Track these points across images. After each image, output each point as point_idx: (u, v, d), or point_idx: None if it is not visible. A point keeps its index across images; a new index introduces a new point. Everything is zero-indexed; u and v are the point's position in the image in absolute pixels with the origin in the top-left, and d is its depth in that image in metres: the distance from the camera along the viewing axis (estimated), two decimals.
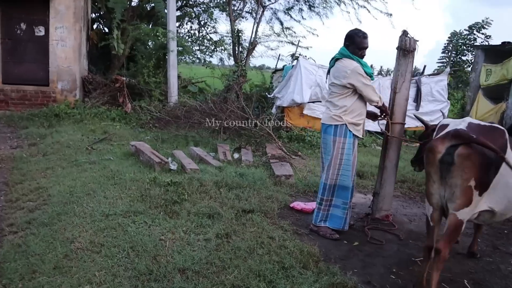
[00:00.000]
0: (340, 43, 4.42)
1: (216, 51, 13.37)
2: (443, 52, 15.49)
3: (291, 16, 12.70)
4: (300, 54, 12.11)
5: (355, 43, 4.25)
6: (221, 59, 13.20)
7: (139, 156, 6.42)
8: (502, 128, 3.26)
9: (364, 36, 4.28)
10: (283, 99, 9.83)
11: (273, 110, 10.28)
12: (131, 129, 9.12)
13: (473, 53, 13.45)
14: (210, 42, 13.09)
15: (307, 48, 12.37)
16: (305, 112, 9.88)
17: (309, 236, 4.36)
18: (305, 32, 17.98)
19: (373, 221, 4.96)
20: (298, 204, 5.11)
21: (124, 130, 8.95)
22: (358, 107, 4.31)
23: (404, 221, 5.20)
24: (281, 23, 12.48)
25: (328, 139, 4.34)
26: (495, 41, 13.50)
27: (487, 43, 12.86)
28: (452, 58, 14.61)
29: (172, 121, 8.82)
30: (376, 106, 4.45)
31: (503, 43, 11.16)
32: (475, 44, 13.01)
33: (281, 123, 9.59)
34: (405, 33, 4.60)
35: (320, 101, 9.74)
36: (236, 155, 7.15)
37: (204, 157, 6.56)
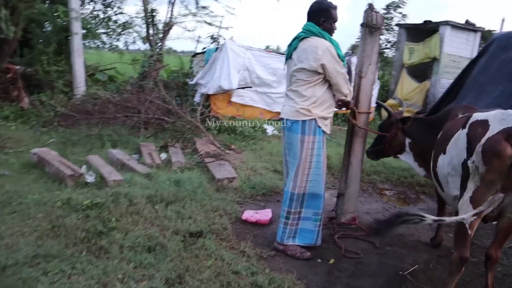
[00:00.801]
0: (259, 24, 3.62)
1: (124, 34, 11.82)
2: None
3: None
4: (219, 36, 11.10)
5: (331, 17, 3.47)
6: (130, 42, 11.64)
7: (44, 167, 5.07)
8: None
9: (336, 7, 3.50)
10: (208, 85, 8.82)
11: (197, 99, 9.23)
12: (31, 130, 7.44)
13: (391, 32, 13.46)
14: (117, 24, 11.49)
15: (227, 29, 11.37)
16: (233, 99, 8.97)
17: (275, 258, 3.54)
18: (223, 11, 16.84)
19: (339, 227, 4.29)
20: (252, 216, 4.26)
21: (22, 132, 7.26)
22: (328, 97, 3.56)
23: (369, 221, 4.60)
24: (197, 2, 11.31)
25: (294, 139, 3.52)
26: (411, 20, 13.66)
27: (403, 22, 12.91)
28: None
29: (82, 117, 7.38)
30: (342, 101, 3.70)
31: (425, 21, 11.17)
32: (395, 23, 13.00)
33: (207, 112, 8.58)
34: (371, 7, 3.89)
35: (250, 87, 8.91)
36: (163, 156, 6.07)
37: (127, 162, 5.41)
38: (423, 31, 11.27)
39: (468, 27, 11.28)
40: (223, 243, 3.60)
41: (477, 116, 2.88)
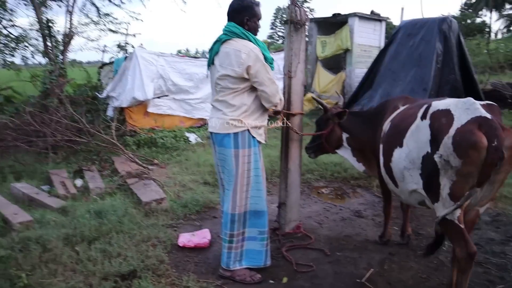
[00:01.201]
0: (170, 29, 3.24)
1: (19, 48, 10.62)
2: (271, 28, 15.45)
3: (109, 0, 10.73)
4: (127, 43, 10.37)
5: (255, 15, 3.15)
6: (28, 57, 10.45)
7: None
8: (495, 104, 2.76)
9: (259, 3, 3.17)
10: (120, 98, 8.13)
11: (109, 113, 8.49)
12: None
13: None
14: (9, 39, 10.27)
15: (134, 36, 10.66)
16: (150, 110, 8.37)
17: None
18: (128, 18, 15.81)
19: (284, 238, 4.01)
20: (189, 240, 3.82)
21: None
22: (261, 104, 3.21)
23: (313, 226, 4.39)
24: (98, 9, 10.46)
25: (227, 154, 3.14)
26: (319, 14, 13.88)
27: (312, 16, 13.08)
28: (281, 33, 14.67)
29: None
30: (273, 110, 3.40)
31: (334, 14, 11.36)
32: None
33: (123, 127, 7.90)
34: (293, 2, 3.63)
35: (167, 95, 8.37)
36: (79, 182, 5.39)
37: (35, 196, 4.68)
38: (333, 24, 11.48)
39: (374, 17, 11.68)
40: (162, 280, 3.13)
41: (437, 105, 2.72)
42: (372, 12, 11.75)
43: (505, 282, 3.20)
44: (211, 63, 3.21)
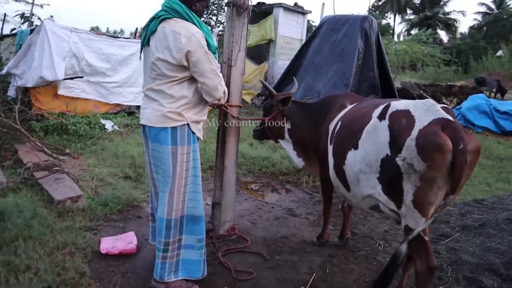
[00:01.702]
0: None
1: None
2: (205, 13, 14.73)
3: None
4: (33, 14, 9.21)
5: None
6: None
7: None
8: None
9: None
10: (25, 76, 7.15)
11: (11, 93, 7.46)
12: None
13: (223, 13, 13.19)
14: None
15: (41, 7, 9.52)
16: (60, 92, 7.46)
17: None
18: None
19: (219, 241, 3.73)
20: (113, 246, 3.37)
21: None
22: (202, 97, 2.86)
23: (248, 226, 4.16)
24: None
25: (163, 151, 2.75)
26: None
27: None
28: (204, 18, 14.12)
29: None
30: (215, 105, 3.11)
31: (259, 3, 11.15)
32: (225, 2, 12.74)
33: (28, 110, 6.97)
34: None
35: (81, 77, 7.53)
36: None
37: None
38: (257, 13, 11.29)
39: (298, 9, 11.70)
40: None
41: (396, 105, 2.58)
42: (295, 4, 11.77)
43: (444, 282, 3.23)
44: (145, 43, 2.77)
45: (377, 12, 51.03)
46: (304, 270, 3.35)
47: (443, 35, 51.70)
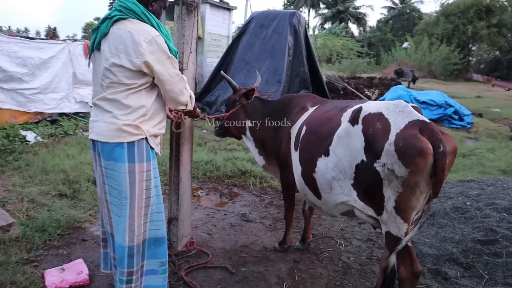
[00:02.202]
0: None
1: None
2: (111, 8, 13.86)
3: None
4: None
5: None
6: None
7: None
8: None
9: None
10: None
11: None
12: None
13: None
14: None
15: None
16: None
17: None
18: None
19: (178, 258, 3.46)
20: (62, 280, 2.97)
21: None
22: (161, 107, 2.61)
23: (204, 238, 3.93)
24: None
25: (120, 170, 2.42)
26: None
27: None
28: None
29: None
30: (183, 112, 2.88)
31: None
32: None
33: None
34: None
35: None
36: None
37: None
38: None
39: (224, 5, 11.50)
40: None
41: (368, 108, 2.49)
42: (221, 0, 11.55)
43: (425, 287, 3.23)
44: (95, 47, 2.43)
45: (291, 7, 52.41)
46: (273, 280, 3.22)
47: (354, 28, 54.44)
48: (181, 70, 3.20)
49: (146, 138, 2.45)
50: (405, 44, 44.05)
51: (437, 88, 22.71)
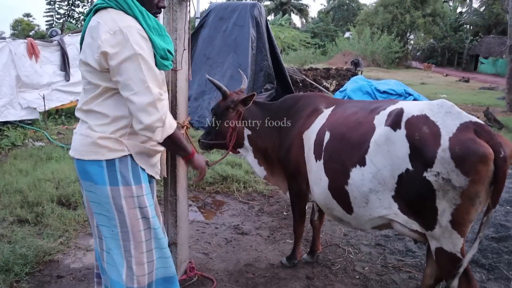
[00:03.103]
0: None
1: None
2: (48, 3, 12.80)
3: None
4: None
5: None
6: None
7: None
8: None
9: None
10: None
11: None
12: None
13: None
14: None
15: None
16: None
17: None
18: None
19: None
20: None
21: None
22: None
23: (202, 260, 3.48)
24: None
25: (100, 193, 1.97)
26: None
27: None
28: (65, 11, 12.35)
29: None
30: (151, 138, 2.06)
31: None
32: None
33: None
34: None
35: None
36: None
37: None
38: None
39: None
40: None
41: (411, 110, 2.17)
42: None
43: None
44: (80, 44, 2.00)
45: None
46: None
47: (296, 20, 54.92)
48: (175, 70, 2.71)
49: (130, 156, 1.99)
50: (347, 34, 45.02)
51: (382, 76, 23.31)
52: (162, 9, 2.11)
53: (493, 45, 37.40)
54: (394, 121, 2.20)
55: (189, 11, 2.78)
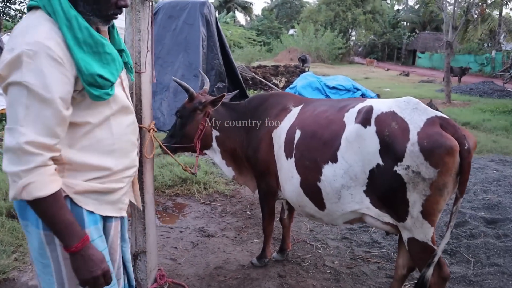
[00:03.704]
0: None
1: None
2: None
3: None
4: None
5: None
6: None
7: None
8: None
9: None
10: None
11: None
12: None
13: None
14: None
15: None
16: None
17: None
18: None
19: None
20: None
21: None
22: (107, 139, 1.65)
23: (170, 266, 3.40)
24: None
25: (35, 237, 1.58)
26: None
27: None
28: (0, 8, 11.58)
29: None
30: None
31: None
32: None
33: None
34: None
35: None
36: None
37: None
38: None
39: None
40: None
41: (379, 107, 2.23)
42: None
43: None
44: None
45: None
46: None
47: (241, 17, 55.04)
48: (139, 73, 2.61)
49: (69, 197, 1.54)
50: (291, 31, 45.74)
51: (328, 72, 23.89)
52: (124, 10, 1.88)
53: (429, 40, 39.50)
54: (364, 118, 2.25)
55: (152, 12, 2.68)
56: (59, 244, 1.52)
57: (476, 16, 21.00)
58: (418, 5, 45.62)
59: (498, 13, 28.88)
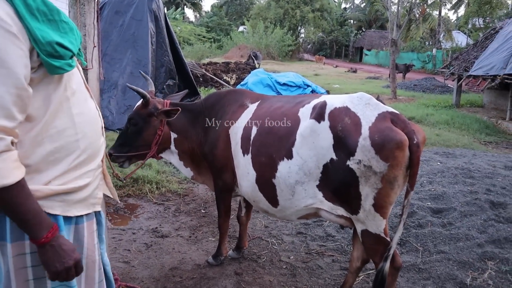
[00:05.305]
0: None
1: None
2: None
3: None
4: None
5: None
6: None
7: None
8: None
9: None
10: None
11: None
12: None
13: None
14: None
15: None
16: None
17: None
18: None
19: None
20: None
21: None
22: (66, 131, 1.44)
23: (123, 269, 3.29)
24: None
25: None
26: None
27: None
28: None
29: None
30: None
31: None
32: None
33: None
34: None
35: None
36: None
37: None
38: None
39: None
40: None
41: (333, 103, 2.26)
42: None
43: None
44: None
45: None
46: None
47: (190, 13, 54.35)
48: (85, 69, 2.50)
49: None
50: (241, 28, 45.75)
51: (278, 69, 24.15)
52: (68, 3, 1.81)
53: (375, 38, 40.92)
54: (318, 114, 2.28)
55: (98, 8, 2.58)
56: (10, 255, 1.36)
57: (418, 15, 21.97)
58: (364, 4, 47.14)
59: (438, 13, 30.41)
